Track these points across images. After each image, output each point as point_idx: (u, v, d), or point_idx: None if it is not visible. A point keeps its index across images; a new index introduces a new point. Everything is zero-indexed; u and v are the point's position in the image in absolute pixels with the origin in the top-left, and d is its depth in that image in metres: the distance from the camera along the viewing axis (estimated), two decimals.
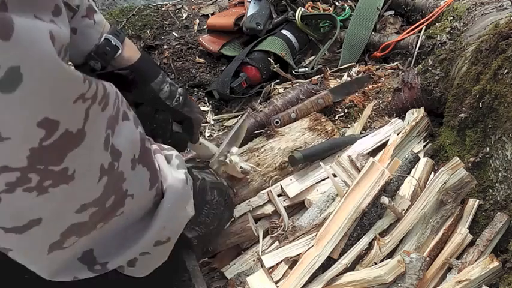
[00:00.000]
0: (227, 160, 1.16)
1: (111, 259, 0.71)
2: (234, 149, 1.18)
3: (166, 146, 0.84)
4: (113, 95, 0.63)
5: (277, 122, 1.36)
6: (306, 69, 1.59)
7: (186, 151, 1.12)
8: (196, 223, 0.98)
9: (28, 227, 0.57)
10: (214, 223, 1.01)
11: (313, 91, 1.45)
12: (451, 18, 1.47)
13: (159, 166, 0.76)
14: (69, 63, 0.94)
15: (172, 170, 0.79)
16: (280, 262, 1.03)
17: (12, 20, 0.45)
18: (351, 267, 0.99)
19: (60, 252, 0.63)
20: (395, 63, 1.59)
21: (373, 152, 1.26)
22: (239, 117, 1.28)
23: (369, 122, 1.39)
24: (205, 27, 1.81)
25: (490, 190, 1.09)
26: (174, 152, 0.83)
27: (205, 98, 1.63)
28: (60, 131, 0.52)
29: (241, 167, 1.17)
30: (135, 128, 0.69)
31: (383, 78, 1.53)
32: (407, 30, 1.60)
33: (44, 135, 0.50)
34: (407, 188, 1.08)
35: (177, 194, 0.76)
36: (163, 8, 1.91)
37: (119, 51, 0.94)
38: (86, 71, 0.94)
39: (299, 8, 1.64)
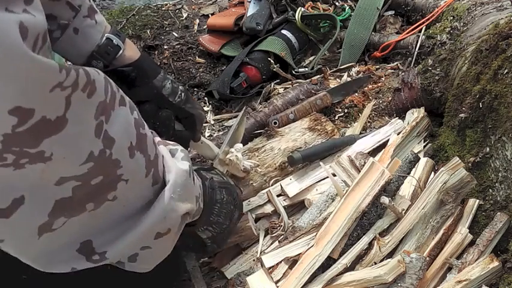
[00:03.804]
0: (229, 157, 1.15)
1: (110, 248, 0.70)
2: (238, 145, 1.17)
3: (171, 142, 0.84)
4: (101, 81, 0.62)
5: (275, 123, 1.36)
6: (306, 69, 1.59)
7: (188, 150, 1.12)
8: (209, 223, 0.97)
9: (13, 208, 0.57)
10: (226, 222, 1.00)
11: (313, 91, 1.45)
12: (451, 18, 1.47)
13: (163, 157, 0.76)
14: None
15: (177, 161, 0.78)
16: (280, 262, 1.03)
17: None
18: (351, 267, 0.99)
19: (52, 235, 0.63)
20: (395, 63, 1.59)
21: (373, 152, 1.26)
22: (238, 116, 1.28)
23: (368, 122, 1.39)
24: (205, 27, 1.81)
25: (490, 190, 1.09)
26: (179, 147, 0.83)
27: (205, 98, 1.63)
28: (36, 118, 0.52)
29: (243, 165, 1.17)
30: (129, 114, 0.68)
31: (383, 78, 1.53)
32: (407, 30, 1.60)
33: (17, 122, 0.51)
34: (407, 188, 1.08)
35: (180, 185, 0.75)
36: (163, 8, 1.91)
37: (121, 51, 0.95)
38: None
39: (299, 8, 1.64)
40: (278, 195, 1.20)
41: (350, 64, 1.60)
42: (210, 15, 1.87)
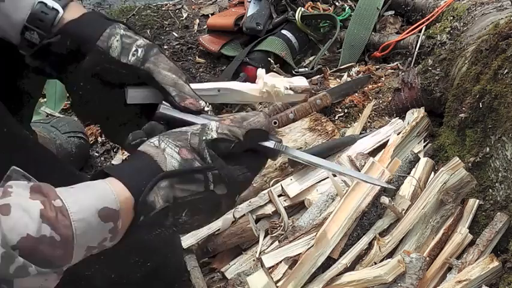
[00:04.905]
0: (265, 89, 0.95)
1: None
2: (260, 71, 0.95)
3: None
4: None
5: (275, 123, 1.36)
6: (306, 69, 1.59)
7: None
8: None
9: None
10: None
11: (313, 91, 1.45)
12: (451, 18, 1.47)
13: None
14: None
15: None
16: (280, 262, 1.03)
17: None
18: (351, 267, 1.00)
19: None
20: (395, 63, 1.59)
21: (373, 152, 1.26)
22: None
23: (368, 122, 1.39)
24: (205, 27, 1.81)
25: (490, 190, 1.09)
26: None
27: None
28: None
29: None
30: None
31: (383, 78, 1.53)
32: (407, 30, 1.60)
33: None
34: (407, 188, 1.08)
35: None
36: (163, 8, 1.91)
37: (60, 14, 0.75)
38: (25, 48, 0.76)
39: (299, 8, 1.64)
40: (279, 196, 1.20)
41: (350, 64, 1.60)
42: (210, 15, 1.87)
